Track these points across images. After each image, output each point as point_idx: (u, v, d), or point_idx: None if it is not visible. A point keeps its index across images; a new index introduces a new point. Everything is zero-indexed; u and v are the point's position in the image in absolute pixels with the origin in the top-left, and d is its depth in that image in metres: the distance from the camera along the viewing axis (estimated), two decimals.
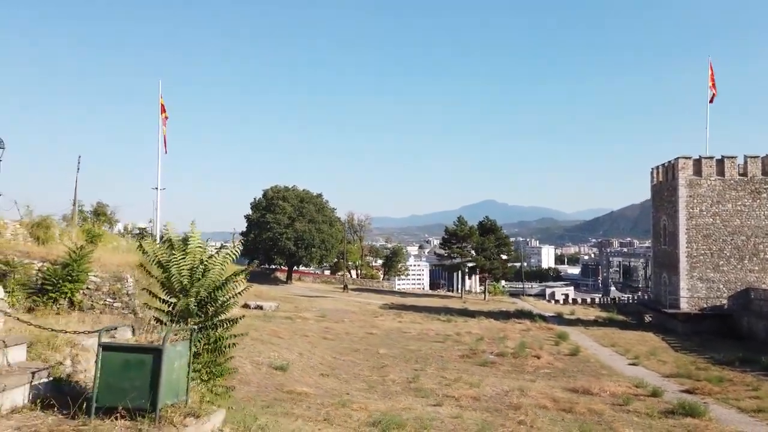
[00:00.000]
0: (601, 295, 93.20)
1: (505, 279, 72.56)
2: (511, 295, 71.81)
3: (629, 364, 22.61)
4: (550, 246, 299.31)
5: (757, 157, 36.37)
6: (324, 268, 78.55)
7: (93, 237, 17.62)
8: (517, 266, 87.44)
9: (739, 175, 36.27)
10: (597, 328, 35.49)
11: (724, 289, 35.36)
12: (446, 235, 57.68)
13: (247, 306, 28.23)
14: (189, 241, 5.55)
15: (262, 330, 20.71)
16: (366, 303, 44.30)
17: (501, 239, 57.36)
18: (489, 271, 55.73)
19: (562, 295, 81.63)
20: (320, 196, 59.60)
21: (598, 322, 39.01)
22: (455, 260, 56.99)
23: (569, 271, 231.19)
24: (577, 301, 66.17)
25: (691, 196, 36.06)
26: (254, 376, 13.08)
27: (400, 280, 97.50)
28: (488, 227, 57.56)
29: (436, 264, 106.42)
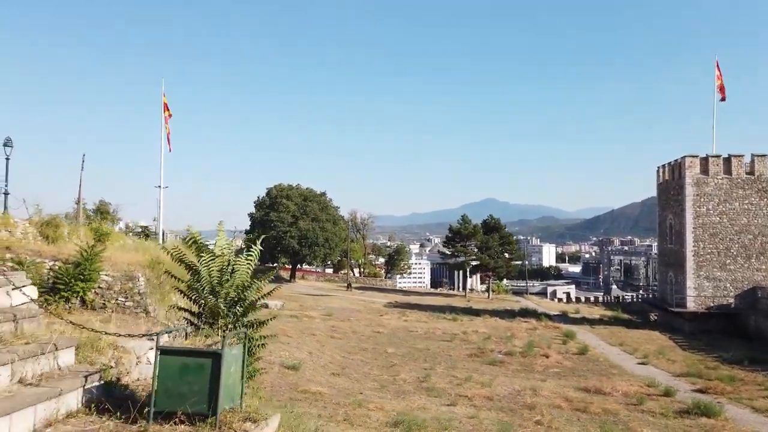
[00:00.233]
0: (602, 294, 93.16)
1: (507, 277, 72.38)
2: (515, 293, 71.73)
3: (638, 364, 22.53)
4: (551, 244, 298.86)
5: (765, 155, 36.22)
6: (327, 266, 78.50)
7: (101, 236, 17.52)
8: (519, 264, 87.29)
9: (746, 173, 36.14)
10: (603, 326, 35.39)
11: (731, 288, 35.24)
12: (450, 234, 57.54)
13: None
14: (217, 241, 5.47)
15: (271, 329, 20.62)
16: (370, 301, 44.23)
17: (505, 237, 57.26)
18: (493, 269, 55.63)
19: (564, 294, 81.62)
20: (324, 194, 59.50)
21: (603, 321, 38.92)
22: (459, 259, 56.90)
23: (570, 270, 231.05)
24: (580, 299, 66.11)
25: (698, 195, 35.93)
26: (267, 376, 12.98)
27: (402, 279, 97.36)
28: (492, 226, 57.46)
29: (440, 262, 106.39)
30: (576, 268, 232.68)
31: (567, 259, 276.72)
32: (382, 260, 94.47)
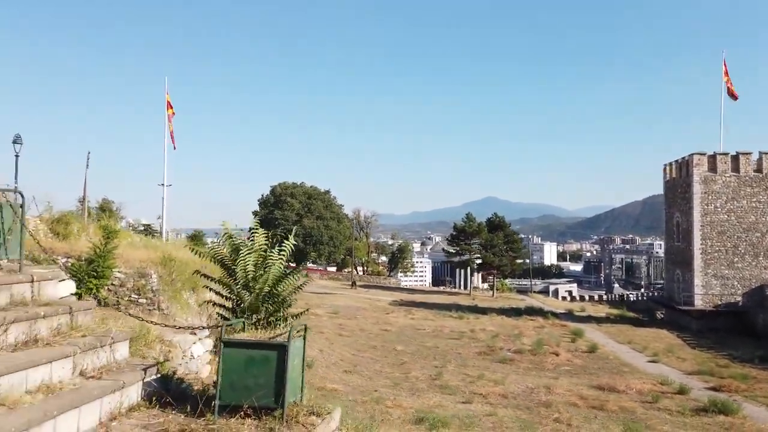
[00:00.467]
0: (604, 292, 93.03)
1: (511, 276, 72.19)
2: (519, 291, 71.61)
3: (649, 361, 22.45)
4: (552, 243, 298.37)
5: None
6: (330, 264, 78.31)
7: (110, 233, 17.47)
8: (524, 263, 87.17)
9: (754, 171, 35.99)
10: (610, 325, 35.30)
11: (739, 286, 35.11)
12: (455, 232, 57.43)
13: None
14: (257, 237, 5.42)
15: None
16: (376, 300, 44.11)
17: (509, 236, 57.13)
18: (498, 267, 55.51)
19: (566, 292, 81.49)
20: (328, 192, 59.42)
21: (610, 319, 38.83)
22: (463, 257, 56.77)
23: (571, 268, 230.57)
24: (584, 298, 65.98)
25: (706, 193, 35.78)
26: None
27: (404, 277, 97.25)
28: (497, 224, 57.32)
29: (441, 261, 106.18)
30: (577, 267, 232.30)
31: (568, 257, 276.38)
32: (384, 258, 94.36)
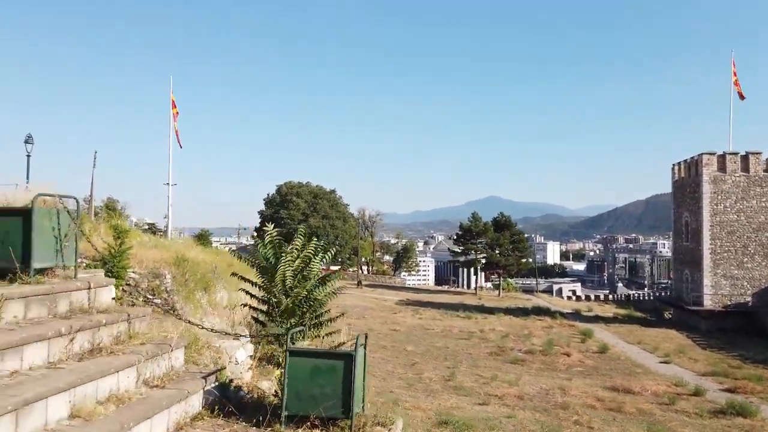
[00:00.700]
0: (608, 292, 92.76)
1: (517, 275, 72.04)
2: (524, 291, 71.47)
3: (661, 362, 22.32)
4: (555, 242, 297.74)
5: None
6: (334, 263, 78.17)
7: (121, 233, 17.41)
8: (529, 262, 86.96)
9: (764, 171, 35.78)
10: (618, 325, 35.16)
11: (749, 287, 34.93)
12: (460, 231, 57.33)
13: None
14: (304, 243, 5.33)
15: None
16: (382, 299, 44.05)
17: (515, 235, 57.00)
18: (504, 267, 55.39)
19: (570, 291, 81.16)
20: (333, 192, 59.32)
21: (617, 319, 38.68)
22: (469, 256, 56.66)
23: (574, 267, 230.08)
24: (589, 297, 65.79)
25: (715, 193, 35.57)
26: None
27: (408, 277, 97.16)
28: (503, 223, 57.18)
29: (445, 260, 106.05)
30: (580, 266, 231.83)
31: (571, 256, 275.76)
32: (388, 258, 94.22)
